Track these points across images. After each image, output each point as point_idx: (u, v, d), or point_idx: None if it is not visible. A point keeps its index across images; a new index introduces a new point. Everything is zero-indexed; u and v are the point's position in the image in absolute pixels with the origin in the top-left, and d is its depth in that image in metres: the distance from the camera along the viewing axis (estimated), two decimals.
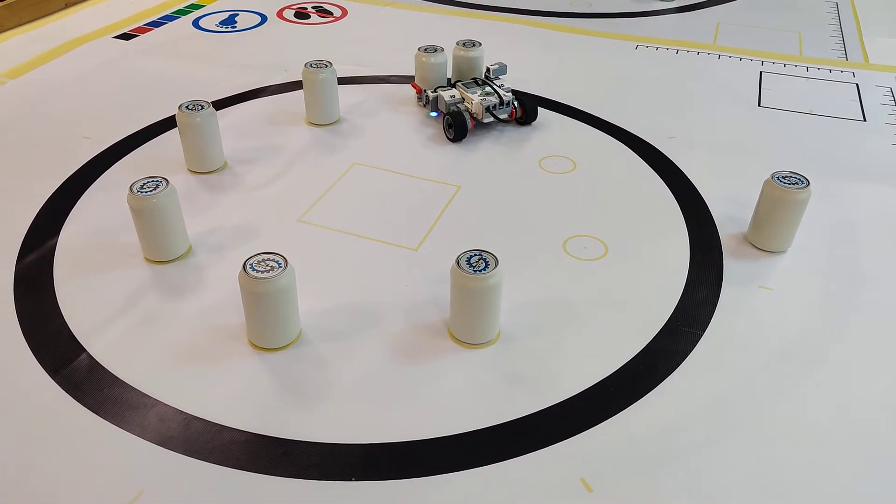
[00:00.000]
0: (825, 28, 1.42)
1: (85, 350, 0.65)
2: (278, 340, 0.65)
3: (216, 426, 0.59)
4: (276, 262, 0.63)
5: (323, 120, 1.02)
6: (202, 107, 0.88)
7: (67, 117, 1.02)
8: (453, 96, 0.99)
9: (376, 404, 0.62)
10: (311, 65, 0.99)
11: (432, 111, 1.03)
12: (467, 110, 0.99)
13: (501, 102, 0.99)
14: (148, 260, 0.76)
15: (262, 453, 0.57)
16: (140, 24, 1.35)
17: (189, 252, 0.78)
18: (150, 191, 0.72)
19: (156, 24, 1.35)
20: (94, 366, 0.64)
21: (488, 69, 1.03)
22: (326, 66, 0.99)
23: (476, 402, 0.62)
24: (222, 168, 0.92)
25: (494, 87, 1.01)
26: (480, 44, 1.08)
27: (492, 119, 0.99)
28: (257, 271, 0.62)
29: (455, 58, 1.07)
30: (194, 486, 0.54)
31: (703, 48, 1.30)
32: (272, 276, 0.61)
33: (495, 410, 0.61)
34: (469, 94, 0.99)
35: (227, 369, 0.64)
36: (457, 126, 0.97)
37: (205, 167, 0.91)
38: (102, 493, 0.54)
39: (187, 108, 0.88)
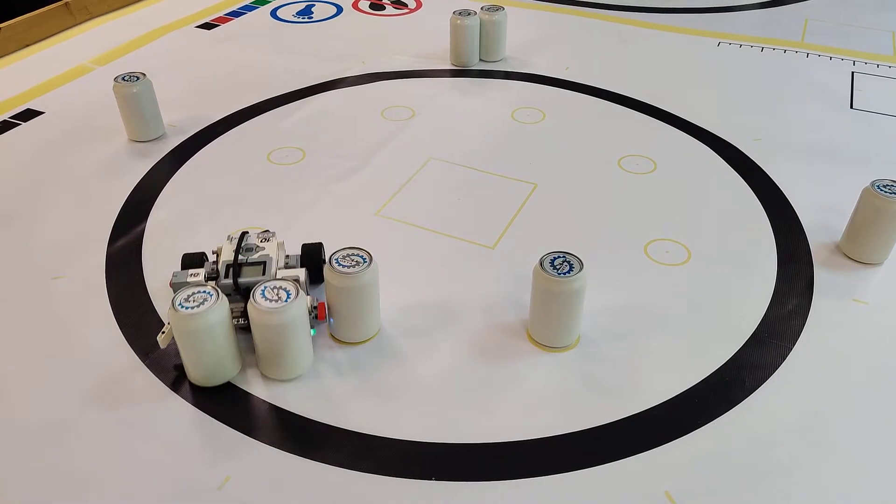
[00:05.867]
0: None
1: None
2: (360, 335, 0.66)
3: (299, 418, 0.60)
4: (361, 257, 0.63)
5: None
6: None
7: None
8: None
9: (455, 404, 0.61)
10: None
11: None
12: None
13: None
14: None
15: (344, 447, 0.57)
16: (221, 13, 1.37)
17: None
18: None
19: (235, 13, 1.38)
20: None
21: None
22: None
23: (556, 407, 0.61)
24: (301, 159, 0.94)
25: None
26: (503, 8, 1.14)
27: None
28: (343, 266, 0.62)
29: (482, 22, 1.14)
30: (278, 476, 0.55)
31: (791, 46, 1.25)
32: (357, 272, 0.62)
33: (575, 416, 0.60)
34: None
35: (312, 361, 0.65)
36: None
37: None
38: (191, 477, 0.55)
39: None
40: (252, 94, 1.08)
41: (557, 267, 0.63)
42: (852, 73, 1.16)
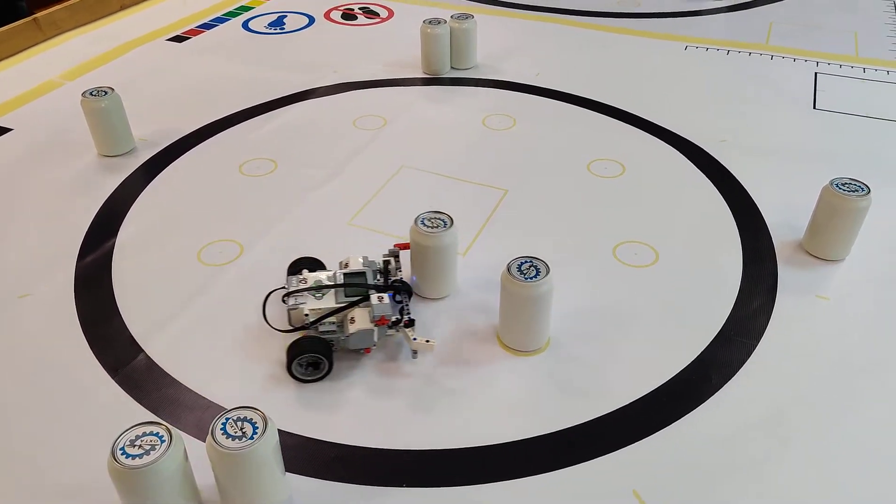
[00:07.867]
0: (882, 28, 1.37)
1: (143, 350, 0.67)
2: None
3: None
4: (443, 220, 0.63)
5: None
6: None
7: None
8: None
9: (426, 410, 0.62)
10: None
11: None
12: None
13: None
14: (202, 262, 0.78)
15: (316, 457, 0.58)
16: (192, 26, 1.37)
17: (241, 253, 0.79)
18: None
19: (207, 26, 1.38)
20: (152, 366, 0.65)
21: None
22: None
23: (526, 411, 0.62)
24: (273, 170, 0.94)
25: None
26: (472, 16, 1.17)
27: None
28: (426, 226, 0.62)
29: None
30: None
31: (755, 48, 1.28)
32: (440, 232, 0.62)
33: (546, 419, 0.61)
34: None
35: (282, 374, 0.65)
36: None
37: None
38: None
39: None
40: (224, 106, 1.08)
41: (524, 272, 0.64)
42: (815, 73, 1.18)
